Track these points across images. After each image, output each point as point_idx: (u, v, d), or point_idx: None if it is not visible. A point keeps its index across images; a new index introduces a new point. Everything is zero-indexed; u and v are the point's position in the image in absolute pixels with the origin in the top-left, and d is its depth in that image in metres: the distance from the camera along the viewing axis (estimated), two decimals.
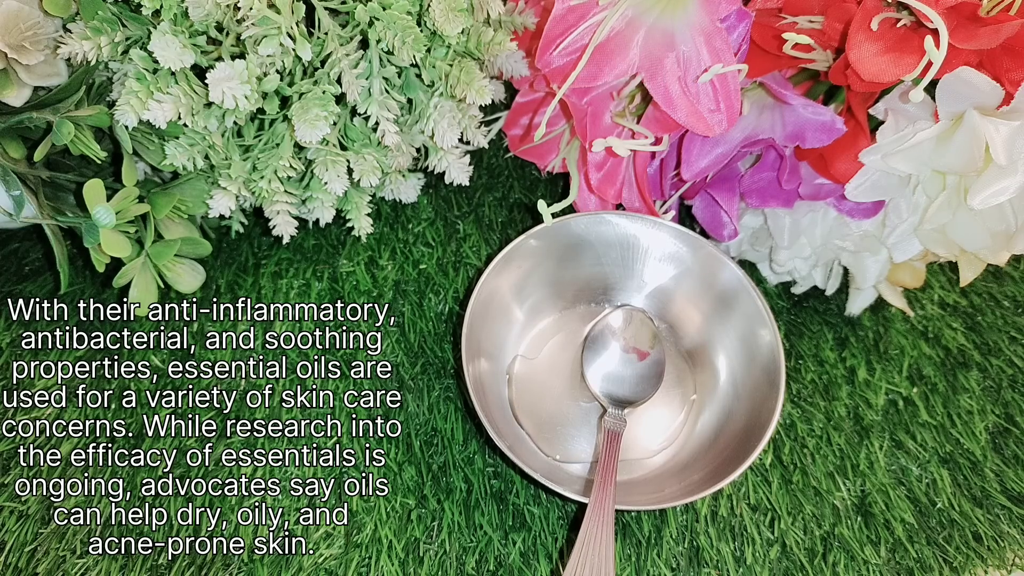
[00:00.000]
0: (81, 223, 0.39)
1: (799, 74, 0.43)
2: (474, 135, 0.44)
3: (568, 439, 0.43)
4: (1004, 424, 0.46)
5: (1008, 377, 0.48)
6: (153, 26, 0.36)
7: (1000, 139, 0.35)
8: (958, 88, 0.36)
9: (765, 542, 0.40)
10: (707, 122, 0.41)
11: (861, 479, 0.43)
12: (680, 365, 0.46)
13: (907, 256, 0.45)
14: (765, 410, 0.40)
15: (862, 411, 0.46)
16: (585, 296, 0.48)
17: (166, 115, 0.36)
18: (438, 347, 0.46)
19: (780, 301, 0.51)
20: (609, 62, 0.41)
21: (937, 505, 0.42)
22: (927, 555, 0.40)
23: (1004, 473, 0.44)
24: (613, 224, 0.46)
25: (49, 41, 0.37)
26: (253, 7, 0.35)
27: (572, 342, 0.46)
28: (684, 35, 0.40)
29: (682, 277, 0.46)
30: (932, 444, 0.45)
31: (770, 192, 0.46)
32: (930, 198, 0.42)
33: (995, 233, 0.41)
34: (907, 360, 0.49)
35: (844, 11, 0.39)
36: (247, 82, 0.36)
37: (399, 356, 0.46)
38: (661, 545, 0.39)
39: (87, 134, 0.38)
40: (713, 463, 0.40)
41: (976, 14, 0.36)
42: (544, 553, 0.39)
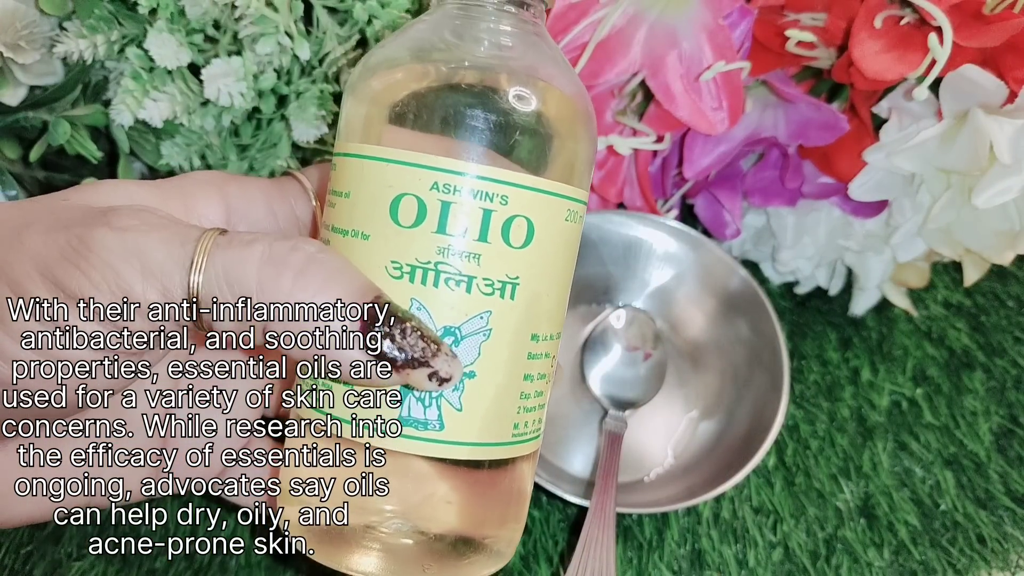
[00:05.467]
0: None
1: (802, 72, 0.43)
2: None
3: (569, 441, 0.43)
4: (1008, 425, 0.46)
5: (1012, 378, 0.48)
6: (149, 24, 0.36)
7: (1004, 138, 0.35)
8: (962, 86, 0.36)
9: (768, 545, 0.40)
10: (709, 120, 0.40)
11: (864, 481, 0.43)
12: (682, 366, 0.46)
13: (911, 256, 0.45)
14: (768, 412, 0.39)
15: (866, 412, 0.46)
16: (586, 296, 0.47)
17: (162, 114, 0.36)
18: None
19: (783, 301, 0.51)
20: (610, 60, 0.40)
21: (941, 507, 0.42)
22: (931, 557, 0.40)
23: (1008, 475, 0.43)
24: (614, 223, 0.45)
25: (45, 40, 0.37)
26: (251, 5, 0.34)
27: (572, 343, 0.46)
28: (686, 32, 0.40)
29: (684, 277, 0.46)
30: (936, 445, 0.44)
31: (773, 191, 0.45)
32: (934, 197, 0.41)
33: (999, 232, 0.41)
34: (911, 361, 0.49)
35: (847, 8, 0.38)
36: (243, 79, 0.35)
37: None
38: (663, 548, 0.39)
39: (83, 133, 0.38)
40: (716, 465, 0.40)
41: (980, 12, 0.36)
42: (544, 556, 0.39)
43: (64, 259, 0.22)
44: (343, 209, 0.25)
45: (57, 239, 0.22)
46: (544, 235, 0.24)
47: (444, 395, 0.24)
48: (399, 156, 0.24)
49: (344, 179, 0.25)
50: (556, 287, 0.26)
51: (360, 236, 0.24)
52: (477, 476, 0.26)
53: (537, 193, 0.24)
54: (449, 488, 0.25)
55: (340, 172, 0.25)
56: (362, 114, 0.26)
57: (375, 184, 0.24)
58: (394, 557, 0.25)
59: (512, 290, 0.24)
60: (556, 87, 0.26)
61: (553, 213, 0.25)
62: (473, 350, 0.24)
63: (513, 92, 0.24)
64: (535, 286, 0.25)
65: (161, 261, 0.22)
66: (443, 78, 0.25)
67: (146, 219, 0.23)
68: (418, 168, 0.23)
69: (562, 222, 0.25)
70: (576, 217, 0.26)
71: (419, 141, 0.24)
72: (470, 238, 0.23)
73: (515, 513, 0.27)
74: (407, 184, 0.23)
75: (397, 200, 0.23)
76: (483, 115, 0.24)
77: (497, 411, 0.25)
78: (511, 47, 0.26)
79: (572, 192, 0.25)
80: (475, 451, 0.25)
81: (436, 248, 0.23)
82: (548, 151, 0.25)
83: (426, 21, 0.26)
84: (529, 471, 0.27)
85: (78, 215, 0.23)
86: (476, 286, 0.24)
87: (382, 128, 0.25)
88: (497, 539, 0.26)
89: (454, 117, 0.24)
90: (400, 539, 0.25)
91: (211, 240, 0.22)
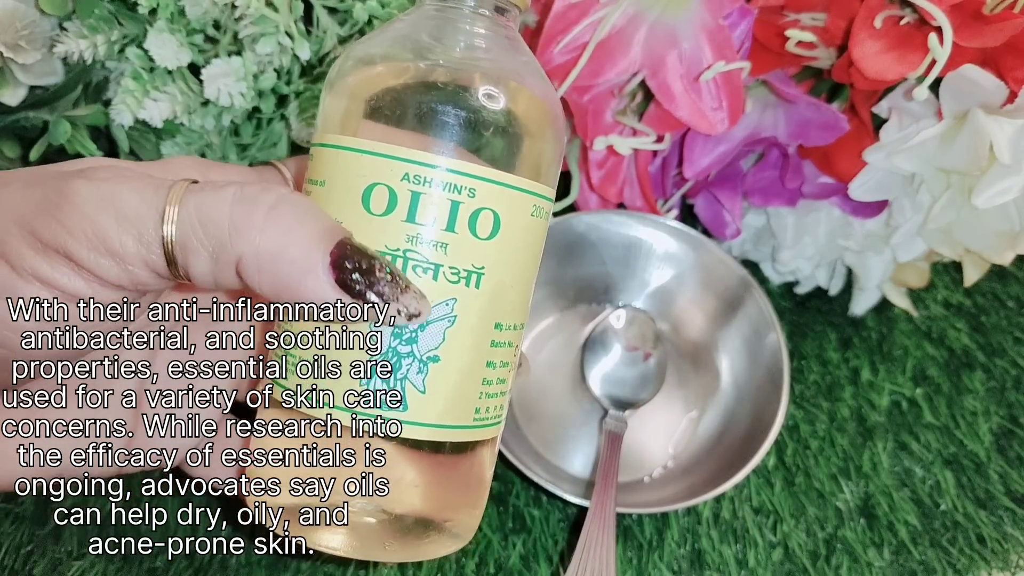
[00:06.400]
0: None
1: (802, 72, 0.43)
2: None
3: (569, 440, 0.43)
4: (1008, 426, 0.46)
5: (1012, 378, 0.48)
6: (149, 24, 0.36)
7: (1004, 138, 0.35)
8: (962, 86, 0.36)
9: (768, 545, 0.40)
10: (709, 120, 0.40)
11: (864, 481, 0.43)
12: (682, 366, 0.46)
13: (911, 256, 0.45)
14: (768, 412, 0.39)
15: (866, 412, 0.46)
16: (586, 296, 0.47)
17: (162, 114, 0.36)
18: None
19: (783, 301, 0.51)
20: (610, 59, 0.40)
21: (941, 507, 0.42)
22: (931, 557, 0.40)
23: (1008, 475, 0.43)
24: (614, 223, 0.45)
25: (45, 40, 0.37)
26: (251, 5, 0.34)
27: (573, 343, 0.46)
28: (686, 32, 0.40)
29: (684, 277, 0.46)
30: (936, 445, 0.44)
31: (773, 191, 0.45)
32: (934, 197, 0.41)
33: (999, 232, 0.40)
34: (911, 361, 0.49)
35: (847, 8, 0.38)
36: (243, 79, 0.35)
37: None
38: (663, 548, 0.39)
39: (83, 133, 0.38)
40: (716, 465, 0.40)
41: (980, 12, 0.36)
42: (544, 556, 0.39)
43: (41, 210, 0.22)
44: (318, 196, 0.26)
45: (34, 192, 0.23)
46: (510, 228, 0.25)
47: (408, 377, 0.25)
48: (373, 147, 0.24)
49: (320, 168, 0.26)
50: (521, 279, 0.27)
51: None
52: (439, 459, 0.27)
53: (504, 188, 0.25)
54: (412, 471, 0.26)
55: (316, 161, 0.26)
56: (340, 107, 0.26)
57: (349, 173, 0.25)
58: (357, 534, 0.26)
59: (477, 279, 0.25)
60: (526, 88, 0.27)
61: (519, 207, 0.26)
62: (438, 335, 0.25)
63: (484, 91, 0.25)
64: (500, 276, 0.26)
65: (135, 206, 0.22)
66: (419, 75, 0.26)
67: (120, 172, 0.23)
68: (391, 159, 0.24)
69: (528, 216, 0.26)
70: (542, 213, 0.27)
71: (393, 134, 0.25)
72: (438, 228, 0.24)
73: (474, 499, 0.28)
74: (380, 174, 0.24)
75: (369, 189, 0.24)
76: (455, 111, 0.25)
77: (460, 395, 0.26)
78: (484, 48, 0.27)
79: (538, 188, 0.26)
80: (436, 432, 0.26)
81: (405, 236, 0.24)
82: (516, 149, 0.26)
83: (404, 20, 0.27)
84: (490, 458, 0.29)
85: (56, 173, 0.24)
86: (443, 274, 0.25)
87: (358, 121, 0.26)
88: (456, 523, 0.27)
89: (427, 113, 0.25)
90: (364, 517, 0.26)
91: (184, 187, 0.23)
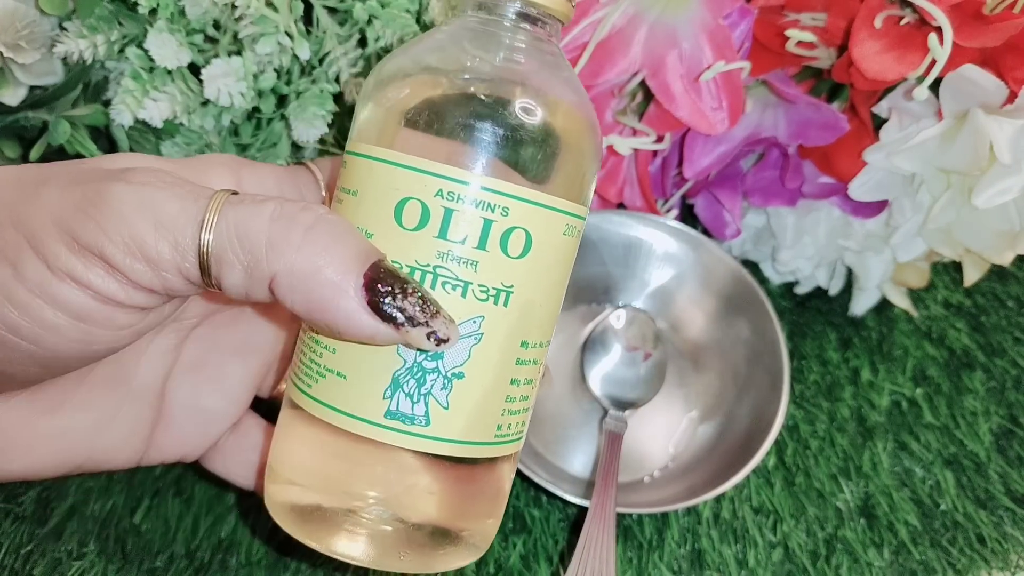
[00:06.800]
0: None
1: (802, 72, 0.43)
2: None
3: (569, 440, 0.43)
4: (1008, 426, 0.46)
5: (1012, 378, 0.48)
6: (149, 24, 0.36)
7: (1004, 138, 0.35)
8: (962, 86, 0.36)
9: (768, 545, 0.40)
10: (709, 120, 0.40)
11: (864, 481, 0.43)
12: (682, 366, 0.46)
13: (911, 256, 0.45)
14: (768, 412, 0.39)
15: (865, 412, 0.46)
16: (586, 296, 0.47)
17: (162, 114, 0.36)
18: None
19: (783, 301, 0.51)
20: (610, 59, 0.40)
21: (941, 507, 0.42)
22: (931, 557, 0.40)
23: (1008, 475, 0.43)
24: (614, 223, 0.45)
25: (45, 40, 0.37)
26: (251, 5, 0.34)
27: (572, 343, 0.46)
28: (686, 32, 0.40)
29: (684, 277, 0.46)
30: (936, 446, 0.44)
31: (773, 191, 0.45)
32: (934, 197, 0.41)
33: (999, 232, 0.41)
34: (911, 361, 0.49)
35: (847, 8, 0.38)
36: (243, 79, 0.35)
37: None
38: (663, 548, 0.39)
39: (83, 133, 0.38)
40: (716, 465, 0.40)
41: (980, 12, 0.36)
42: (544, 556, 0.39)
43: (79, 211, 0.22)
44: (350, 206, 0.25)
45: (74, 193, 0.23)
46: (541, 247, 0.25)
47: (432, 392, 0.25)
48: (408, 161, 0.24)
49: (353, 177, 0.26)
50: (549, 297, 0.26)
51: (364, 234, 0.25)
52: (459, 471, 0.26)
53: (537, 207, 0.25)
54: (431, 480, 0.26)
55: (350, 170, 0.26)
56: (376, 116, 0.26)
57: (383, 186, 0.24)
58: (373, 542, 0.25)
59: (506, 298, 0.25)
60: (565, 105, 0.26)
61: (552, 227, 0.25)
62: (464, 352, 0.25)
63: (521, 107, 0.25)
64: (529, 295, 0.25)
65: (174, 215, 0.22)
66: (456, 88, 0.25)
67: (161, 177, 0.23)
68: (425, 174, 0.24)
69: (560, 236, 0.26)
70: (574, 232, 0.26)
71: (428, 148, 0.24)
72: (469, 245, 0.24)
73: (492, 510, 0.28)
74: (413, 188, 0.24)
75: (403, 203, 0.24)
76: (491, 128, 0.24)
77: (482, 412, 0.25)
78: (524, 63, 0.26)
79: (572, 208, 0.26)
80: (458, 448, 0.25)
81: (436, 252, 0.24)
82: (552, 167, 0.26)
83: (444, 31, 0.27)
84: (509, 471, 0.28)
85: (96, 174, 0.23)
86: (471, 291, 0.24)
87: (394, 132, 0.25)
88: (473, 533, 0.27)
89: (463, 128, 0.24)
90: (380, 525, 0.25)
91: (224, 198, 0.23)
